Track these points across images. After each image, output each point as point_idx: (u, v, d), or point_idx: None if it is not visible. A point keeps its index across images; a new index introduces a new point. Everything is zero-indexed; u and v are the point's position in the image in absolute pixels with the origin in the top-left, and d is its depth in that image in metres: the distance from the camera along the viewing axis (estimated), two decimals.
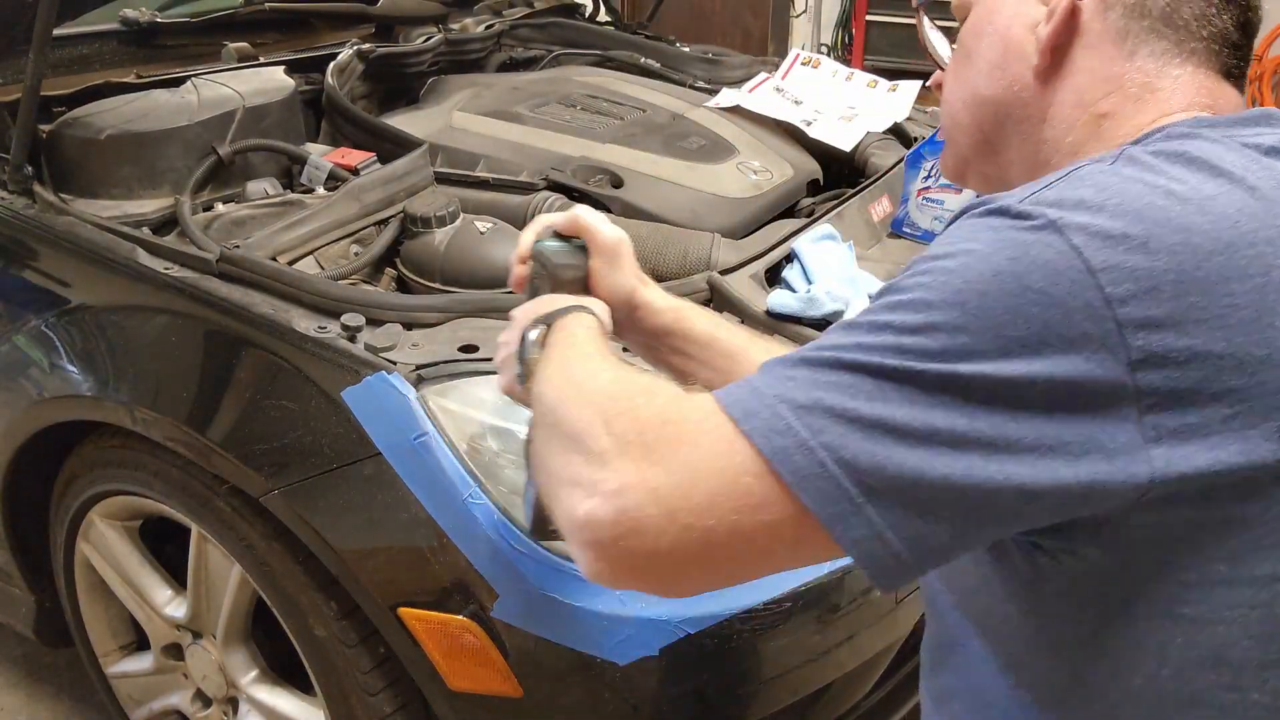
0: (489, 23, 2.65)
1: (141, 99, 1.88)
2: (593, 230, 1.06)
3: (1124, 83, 0.80)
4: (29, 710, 2.17)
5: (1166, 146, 0.73)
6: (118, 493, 1.67)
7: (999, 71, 0.85)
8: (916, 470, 0.66)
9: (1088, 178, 0.71)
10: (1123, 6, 0.80)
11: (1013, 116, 0.85)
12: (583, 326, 0.92)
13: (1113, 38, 0.80)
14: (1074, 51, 0.82)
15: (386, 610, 1.37)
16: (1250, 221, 0.68)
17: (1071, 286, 0.65)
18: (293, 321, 1.44)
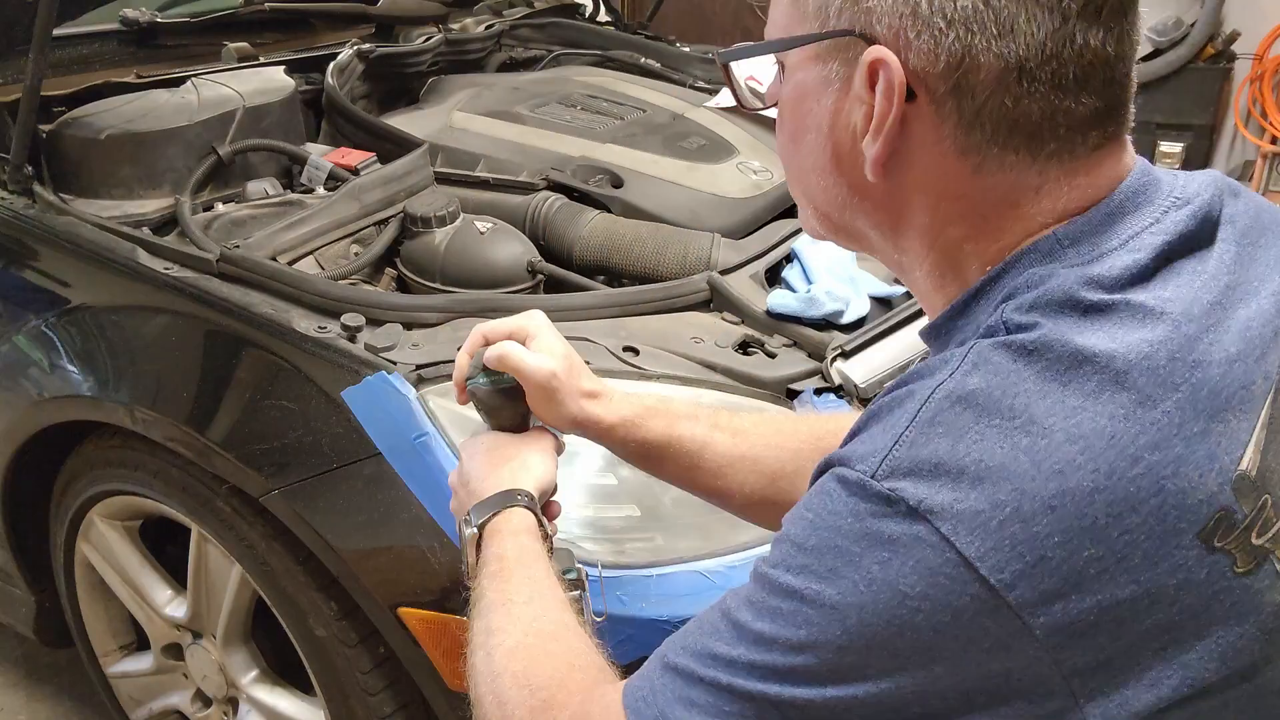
0: (489, 23, 2.65)
1: (141, 99, 1.88)
2: (520, 369, 0.99)
3: (976, 202, 0.68)
4: (29, 710, 2.17)
5: (1019, 338, 0.64)
6: (118, 493, 1.67)
7: (831, 179, 0.74)
8: None
9: (940, 422, 0.62)
10: (958, 116, 0.66)
11: (862, 219, 0.75)
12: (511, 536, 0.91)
13: (955, 152, 0.67)
14: (912, 156, 0.68)
15: (386, 610, 1.37)
16: (1127, 428, 0.60)
17: (951, 584, 0.59)
18: (293, 321, 1.44)
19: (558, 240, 1.77)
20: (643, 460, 1.08)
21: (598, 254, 1.73)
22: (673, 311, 1.55)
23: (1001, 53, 0.64)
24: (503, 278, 1.64)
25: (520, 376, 1.00)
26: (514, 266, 1.66)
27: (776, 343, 1.50)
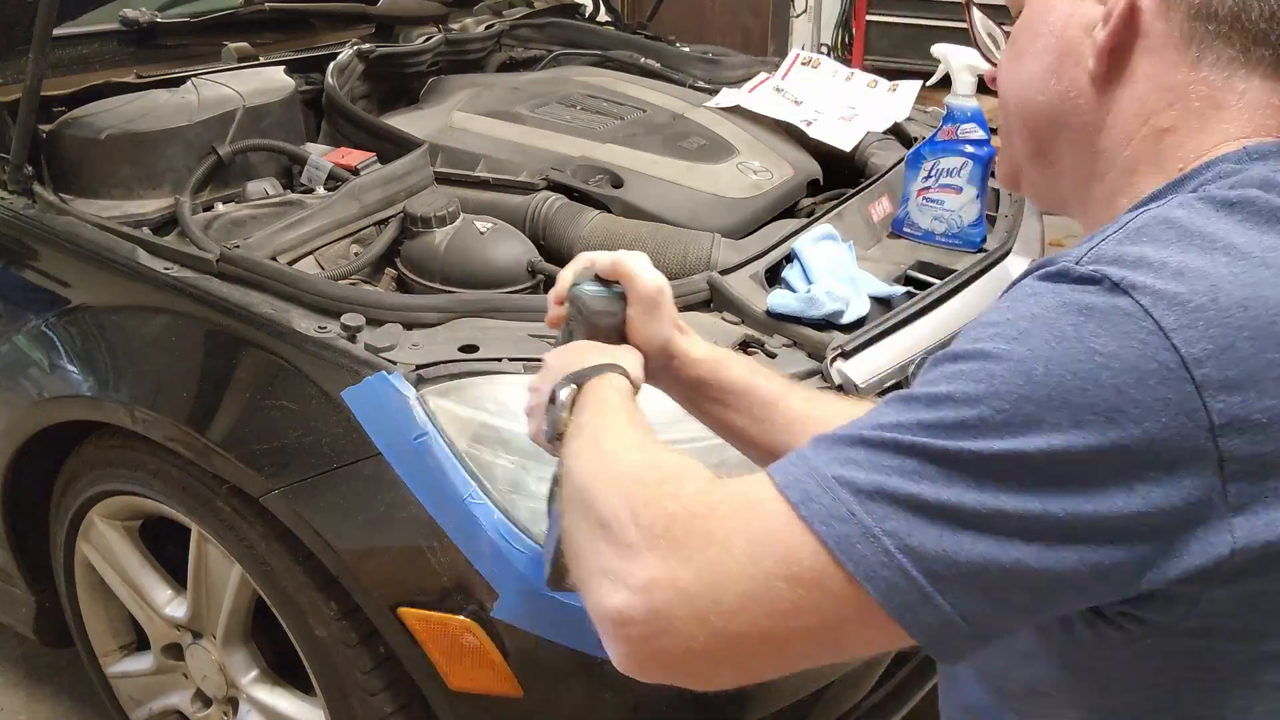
0: (489, 23, 2.65)
1: (141, 99, 1.88)
2: (633, 277, 1.02)
3: (1187, 94, 0.74)
4: (29, 710, 2.17)
5: (1220, 192, 0.69)
6: (118, 493, 1.67)
7: (1053, 76, 0.79)
8: (986, 557, 0.62)
9: (1145, 232, 0.67)
10: (1186, 6, 0.73)
11: (1068, 124, 0.79)
12: (614, 390, 0.90)
13: (1176, 43, 0.73)
14: (1134, 57, 0.75)
15: (386, 610, 1.37)
16: None
17: (1144, 349, 0.61)
18: (293, 321, 1.44)
19: (558, 240, 1.77)
20: (716, 404, 1.08)
21: None
22: None
23: None
24: (503, 278, 1.64)
25: (630, 286, 1.02)
26: (514, 266, 1.66)
27: (776, 343, 1.50)
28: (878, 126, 2.18)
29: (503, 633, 1.33)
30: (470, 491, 1.32)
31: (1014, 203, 1.98)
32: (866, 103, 2.29)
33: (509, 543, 1.31)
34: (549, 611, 1.31)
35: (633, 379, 0.94)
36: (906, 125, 2.21)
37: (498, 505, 1.32)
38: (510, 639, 1.33)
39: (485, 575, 1.32)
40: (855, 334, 1.50)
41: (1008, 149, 0.86)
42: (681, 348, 1.07)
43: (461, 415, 1.34)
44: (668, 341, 1.06)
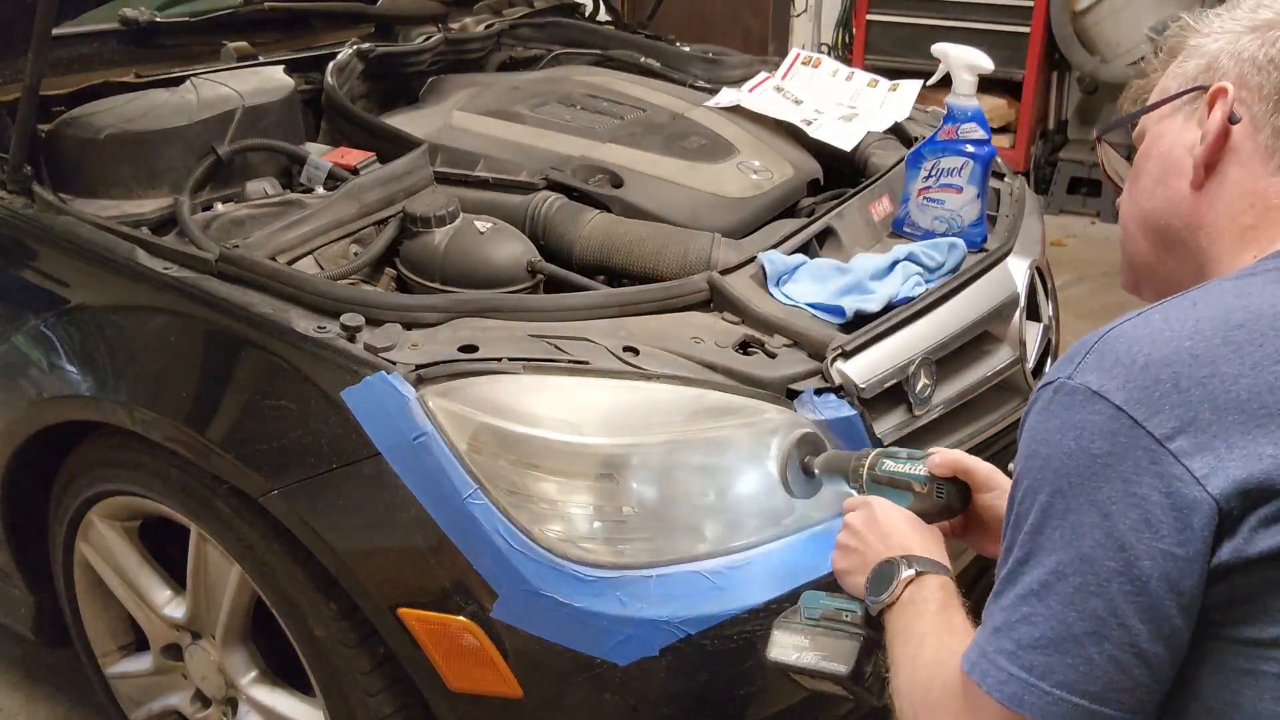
0: (489, 22, 2.65)
1: (141, 99, 1.87)
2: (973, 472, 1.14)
3: (1268, 195, 0.91)
4: (28, 710, 2.17)
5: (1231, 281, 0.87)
6: (117, 493, 1.67)
7: (1161, 187, 0.98)
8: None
9: (1123, 333, 0.83)
10: (1271, 129, 0.91)
11: (1173, 226, 0.97)
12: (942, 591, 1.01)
13: (1262, 156, 0.92)
14: (1226, 168, 0.93)
15: (386, 611, 1.37)
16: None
17: (1128, 440, 0.78)
18: (292, 321, 1.43)
19: (558, 240, 1.76)
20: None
21: (598, 254, 1.73)
22: (673, 311, 1.54)
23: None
24: (503, 278, 1.64)
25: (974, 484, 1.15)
26: (514, 266, 1.66)
27: (776, 343, 1.50)
28: (878, 126, 2.18)
29: (503, 633, 1.32)
30: (470, 491, 1.32)
31: (1014, 203, 1.98)
32: (867, 102, 2.28)
33: (509, 543, 1.31)
34: (549, 612, 1.31)
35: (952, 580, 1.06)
36: (907, 125, 2.21)
37: (498, 505, 1.32)
38: (510, 639, 1.32)
39: (485, 575, 1.32)
40: (855, 334, 1.50)
41: (1127, 258, 1.05)
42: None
43: (461, 415, 1.34)
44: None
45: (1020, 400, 1.73)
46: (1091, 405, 0.80)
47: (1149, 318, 0.85)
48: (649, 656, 1.31)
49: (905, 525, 1.10)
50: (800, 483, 1.37)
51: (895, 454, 1.18)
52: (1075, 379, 0.82)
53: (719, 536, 1.38)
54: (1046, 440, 0.83)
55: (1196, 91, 0.96)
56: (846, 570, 1.12)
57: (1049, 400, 0.84)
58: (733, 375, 1.42)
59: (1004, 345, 1.72)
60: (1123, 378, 0.80)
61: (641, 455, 1.36)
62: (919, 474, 1.13)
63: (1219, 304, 0.84)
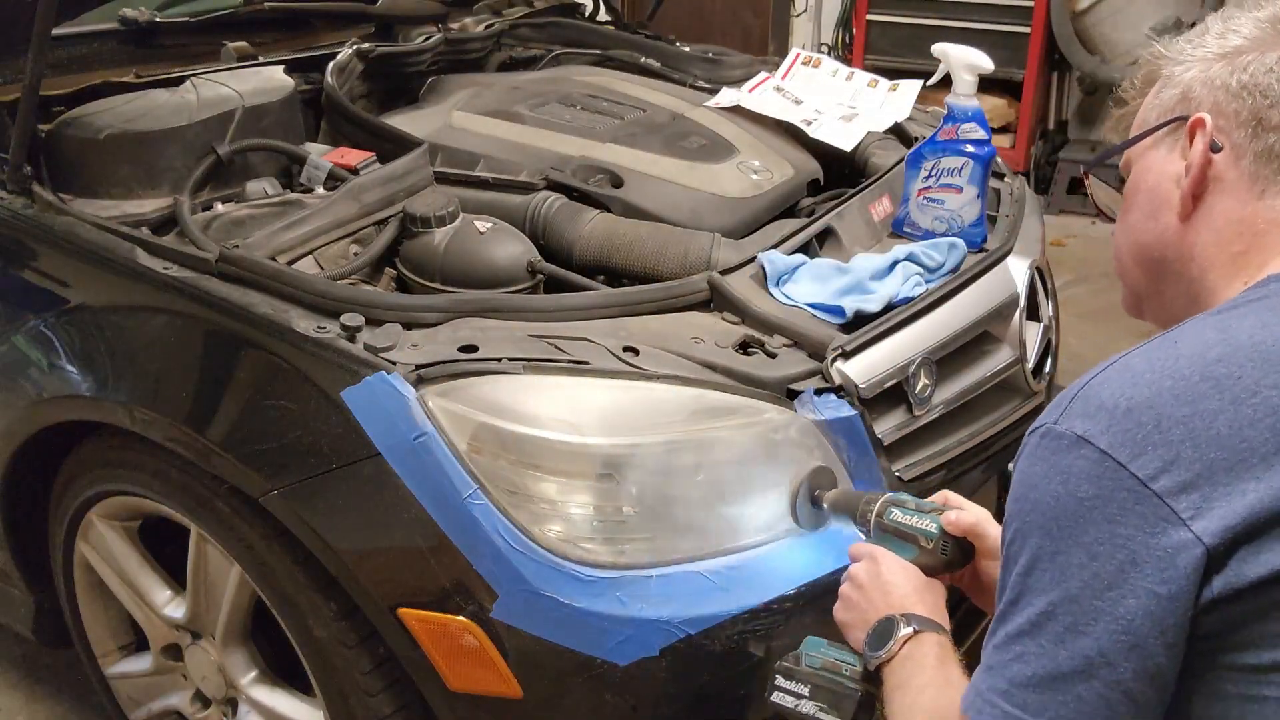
0: (489, 22, 2.65)
1: (140, 99, 1.88)
2: (985, 537, 1.15)
3: (1255, 221, 0.93)
4: (28, 710, 2.17)
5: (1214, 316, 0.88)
6: (117, 493, 1.67)
7: (1151, 221, 0.99)
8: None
9: (1107, 378, 0.85)
10: (1253, 154, 0.92)
11: (1165, 258, 0.99)
12: (940, 647, 1.04)
13: (1246, 183, 0.93)
14: (1212, 198, 0.95)
15: (386, 611, 1.37)
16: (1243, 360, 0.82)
17: (1113, 483, 0.80)
18: (292, 321, 1.43)
19: (558, 240, 1.76)
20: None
21: (598, 254, 1.73)
22: (673, 311, 1.54)
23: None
24: (503, 278, 1.64)
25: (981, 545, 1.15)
26: (514, 266, 1.66)
27: (776, 343, 1.50)
28: (878, 126, 2.18)
29: (503, 633, 1.32)
30: (470, 491, 1.32)
31: (1014, 203, 1.98)
32: (867, 102, 2.28)
33: (509, 543, 1.31)
34: (549, 612, 1.31)
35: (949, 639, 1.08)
36: (907, 125, 2.21)
37: (497, 505, 1.32)
38: (510, 639, 1.32)
39: (485, 575, 1.31)
40: (855, 334, 1.50)
41: (1126, 288, 1.06)
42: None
43: (461, 415, 1.34)
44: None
45: (1020, 400, 1.73)
46: (1077, 450, 0.82)
47: (1131, 362, 0.86)
48: (649, 656, 1.31)
49: (908, 582, 1.11)
50: (809, 515, 1.39)
51: (904, 502, 1.19)
52: (1061, 425, 0.84)
53: (719, 536, 1.38)
54: (1034, 485, 0.85)
55: (1176, 122, 0.97)
56: (847, 623, 1.13)
57: (1037, 445, 0.86)
58: (733, 375, 1.42)
59: (1004, 345, 1.72)
60: (1106, 422, 0.82)
61: (641, 455, 1.36)
62: (928, 529, 1.15)
63: (1199, 341, 0.85)
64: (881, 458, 1.48)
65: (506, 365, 1.37)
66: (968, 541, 1.15)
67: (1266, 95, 0.93)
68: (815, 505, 1.37)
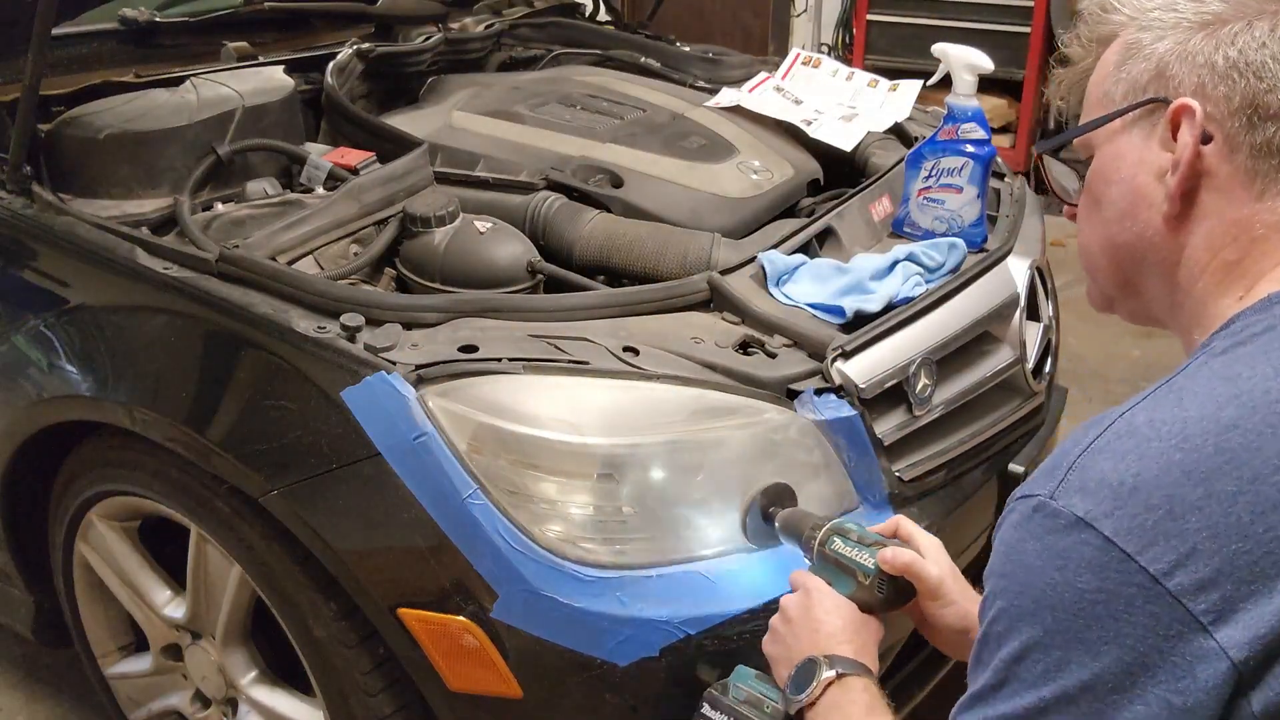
0: (489, 22, 2.64)
1: (140, 98, 1.87)
2: (923, 578, 1.10)
3: (1251, 225, 0.82)
4: (28, 711, 2.17)
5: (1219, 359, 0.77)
6: (117, 493, 1.67)
7: (1130, 220, 0.87)
8: None
9: (1109, 448, 0.74)
10: (1249, 147, 0.81)
11: (1148, 260, 0.88)
12: (866, 693, 1.00)
13: (1242, 180, 0.82)
14: (1201, 196, 0.83)
15: (386, 611, 1.37)
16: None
17: (1119, 576, 0.70)
18: (292, 321, 1.43)
19: (558, 240, 1.76)
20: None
21: (598, 254, 1.73)
22: (673, 311, 1.54)
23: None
24: (502, 278, 1.64)
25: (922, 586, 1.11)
26: (514, 266, 1.66)
27: (776, 343, 1.50)
28: (878, 126, 2.18)
29: (503, 633, 1.32)
30: (470, 492, 1.32)
31: (1014, 203, 1.98)
32: (867, 102, 2.28)
33: (509, 543, 1.31)
34: (549, 612, 1.31)
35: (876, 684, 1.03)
36: (907, 125, 2.21)
37: (497, 505, 1.32)
38: (510, 639, 1.32)
39: (485, 575, 1.31)
40: (855, 334, 1.50)
41: (1096, 284, 0.95)
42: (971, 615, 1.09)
43: (461, 415, 1.34)
44: (961, 618, 1.11)
45: (1020, 400, 1.73)
46: (1078, 534, 0.72)
47: (1134, 424, 0.75)
48: (649, 656, 1.31)
49: (839, 620, 1.06)
50: (759, 531, 1.35)
51: (848, 532, 1.15)
52: (1059, 500, 0.74)
53: (719, 536, 1.37)
54: (1027, 566, 0.75)
55: (1152, 104, 0.85)
56: (774, 657, 1.10)
57: (1028, 518, 0.76)
58: (733, 375, 1.42)
59: (1004, 345, 1.72)
60: (1111, 503, 0.72)
61: (642, 455, 1.36)
62: (866, 565, 1.10)
63: (1208, 398, 0.74)
64: (882, 458, 1.48)
65: (506, 365, 1.37)
66: (906, 581, 1.09)
67: (1262, 76, 0.80)
68: (767, 522, 1.32)
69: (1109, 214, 0.89)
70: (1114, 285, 0.93)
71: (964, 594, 1.12)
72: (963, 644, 1.09)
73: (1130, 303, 0.93)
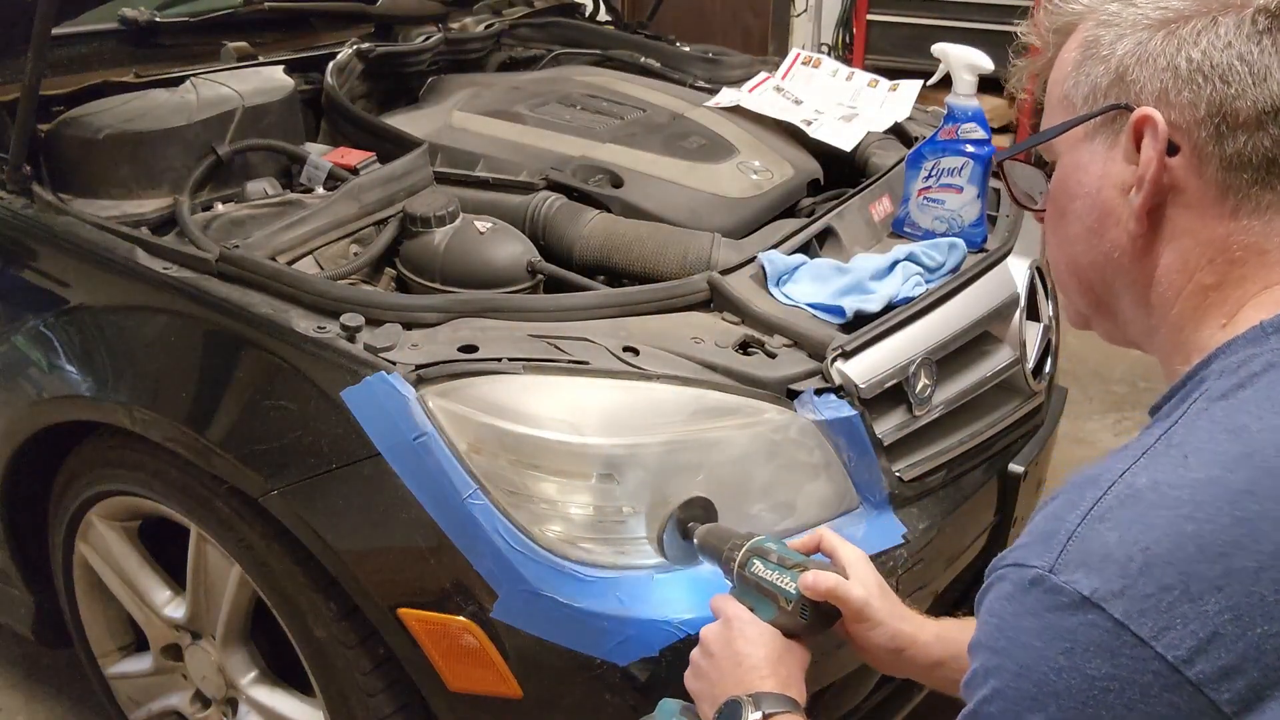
0: (489, 22, 2.65)
1: (140, 98, 1.87)
2: (847, 602, 1.02)
3: (1229, 245, 0.75)
4: (28, 710, 2.17)
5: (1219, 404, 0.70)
6: (117, 493, 1.67)
7: (1095, 238, 0.80)
8: None
9: (1110, 516, 0.67)
10: (1219, 160, 0.74)
11: (1119, 281, 0.81)
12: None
13: (1213, 196, 0.75)
14: (1170, 212, 0.76)
15: (386, 611, 1.37)
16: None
17: (1133, 663, 0.64)
18: (292, 321, 1.43)
19: (558, 240, 1.76)
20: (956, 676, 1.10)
21: (598, 254, 1.73)
22: (673, 311, 1.54)
23: (1257, 99, 0.72)
24: (502, 278, 1.64)
25: (845, 608, 1.03)
26: (514, 266, 1.66)
27: (776, 343, 1.50)
28: (878, 126, 2.18)
29: (502, 633, 1.32)
30: (470, 492, 1.32)
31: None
32: (867, 102, 2.28)
33: (509, 543, 1.31)
34: (549, 612, 1.31)
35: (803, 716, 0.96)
36: (907, 125, 2.21)
37: (497, 505, 1.32)
38: (510, 639, 1.32)
39: (485, 575, 1.31)
40: (855, 334, 1.50)
41: (1069, 302, 0.88)
42: (909, 636, 1.05)
43: (461, 415, 1.34)
44: (894, 638, 1.05)
45: (1020, 400, 1.73)
46: (1083, 614, 0.65)
47: (1135, 485, 0.68)
48: (649, 656, 1.31)
49: (761, 651, 0.99)
50: (678, 549, 1.28)
51: (768, 553, 1.06)
52: (1060, 576, 0.67)
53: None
54: (1025, 645, 0.67)
55: (1113, 111, 0.77)
56: (698, 694, 1.03)
57: (1024, 591, 0.68)
58: (733, 375, 1.42)
59: (1004, 345, 1.72)
60: (1119, 581, 0.64)
61: (642, 455, 1.36)
62: (787, 589, 1.02)
63: (1215, 457, 0.67)
64: (882, 458, 1.48)
65: (506, 365, 1.37)
66: (829, 605, 1.03)
67: (1229, 80, 0.72)
68: (686, 539, 1.24)
69: (1074, 230, 0.82)
70: (1086, 304, 0.86)
71: (892, 613, 1.05)
72: (897, 663, 1.06)
73: (1105, 324, 0.87)
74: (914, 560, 1.48)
